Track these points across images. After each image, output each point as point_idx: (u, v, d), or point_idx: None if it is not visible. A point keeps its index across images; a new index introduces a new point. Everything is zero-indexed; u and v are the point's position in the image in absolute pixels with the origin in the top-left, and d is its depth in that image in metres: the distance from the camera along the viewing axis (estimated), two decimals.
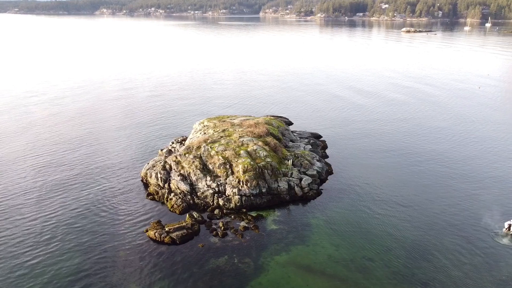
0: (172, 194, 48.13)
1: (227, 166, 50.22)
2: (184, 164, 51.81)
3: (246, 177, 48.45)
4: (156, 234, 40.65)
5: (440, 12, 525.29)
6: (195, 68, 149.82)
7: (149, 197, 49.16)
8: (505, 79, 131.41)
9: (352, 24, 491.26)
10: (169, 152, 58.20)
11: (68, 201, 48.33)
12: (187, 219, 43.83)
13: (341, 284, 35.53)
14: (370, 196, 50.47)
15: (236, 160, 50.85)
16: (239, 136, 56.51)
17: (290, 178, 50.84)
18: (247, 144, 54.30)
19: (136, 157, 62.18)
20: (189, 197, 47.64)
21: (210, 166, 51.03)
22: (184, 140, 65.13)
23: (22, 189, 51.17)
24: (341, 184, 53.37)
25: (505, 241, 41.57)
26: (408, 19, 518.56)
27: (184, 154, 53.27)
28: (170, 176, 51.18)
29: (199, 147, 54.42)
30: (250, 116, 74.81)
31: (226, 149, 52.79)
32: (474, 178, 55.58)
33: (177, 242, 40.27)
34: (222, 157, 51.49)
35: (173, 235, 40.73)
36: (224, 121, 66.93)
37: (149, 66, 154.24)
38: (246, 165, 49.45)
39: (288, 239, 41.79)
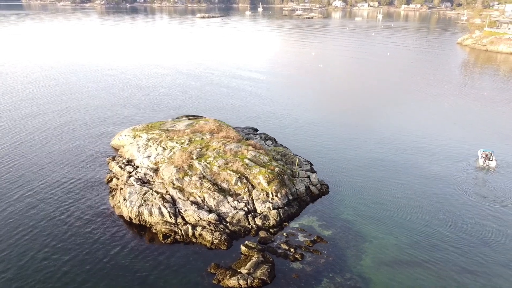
0: (199, 228, 39.10)
1: (244, 180, 43.76)
2: (190, 189, 42.51)
3: (274, 187, 43.43)
4: (241, 281, 32.79)
5: None
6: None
7: (167, 239, 38.58)
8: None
9: (135, 11, 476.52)
10: (139, 179, 46.33)
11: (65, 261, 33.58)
12: (245, 251, 36.73)
13: (436, 266, 36.45)
14: (371, 177, 52.37)
15: (249, 171, 44.77)
16: (223, 144, 49.58)
17: (303, 179, 48.08)
18: (241, 152, 48.28)
19: (75, 193, 47.10)
20: (221, 226, 39.65)
21: (224, 185, 43.44)
22: (131, 161, 52.81)
23: None
24: (334, 174, 53.31)
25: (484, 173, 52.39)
26: (189, 5, 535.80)
27: (182, 178, 43.58)
28: (178, 208, 41.26)
29: (191, 166, 45.42)
30: (178, 119, 66.06)
31: (229, 161, 45.74)
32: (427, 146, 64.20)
33: (268, 282, 33.56)
34: (231, 171, 44.47)
35: (258, 275, 33.69)
36: (167, 129, 57.38)
37: None
38: (267, 175, 44.16)
39: (353, 242, 39.94)
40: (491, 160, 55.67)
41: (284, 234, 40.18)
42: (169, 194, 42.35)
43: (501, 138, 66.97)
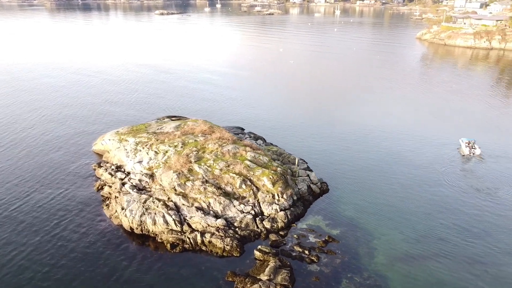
0: (208, 235, 37.56)
1: (248, 183, 42.53)
2: (193, 195, 40.77)
3: (279, 189, 42.52)
4: None
5: None
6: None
7: (176, 249, 36.77)
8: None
9: (88, 8, 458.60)
10: (134, 186, 43.98)
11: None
12: (260, 257, 35.68)
13: (446, 258, 37.06)
14: (364, 174, 52.59)
15: (252, 173, 43.58)
16: (219, 146, 48.04)
17: (304, 178, 47.47)
18: (239, 153, 46.96)
19: (66, 204, 44.06)
20: (230, 231, 38.29)
21: (228, 188, 41.99)
22: (120, 166, 50.14)
23: None
24: (329, 172, 53.05)
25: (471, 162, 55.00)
26: (145, 1, 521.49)
27: (184, 183, 41.73)
28: (183, 214, 39.46)
29: (191, 170, 43.62)
30: (161, 120, 63.61)
31: (230, 164, 44.31)
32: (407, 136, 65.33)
33: (290, 286, 32.71)
34: (234, 173, 43.11)
35: (279, 281, 32.75)
36: (155, 132, 55.06)
37: None
38: (271, 176, 43.14)
39: (362, 240, 39.87)
40: (475, 149, 57.74)
41: (295, 236, 39.44)
42: (172, 201, 40.42)
43: (478, 128, 69.50)
